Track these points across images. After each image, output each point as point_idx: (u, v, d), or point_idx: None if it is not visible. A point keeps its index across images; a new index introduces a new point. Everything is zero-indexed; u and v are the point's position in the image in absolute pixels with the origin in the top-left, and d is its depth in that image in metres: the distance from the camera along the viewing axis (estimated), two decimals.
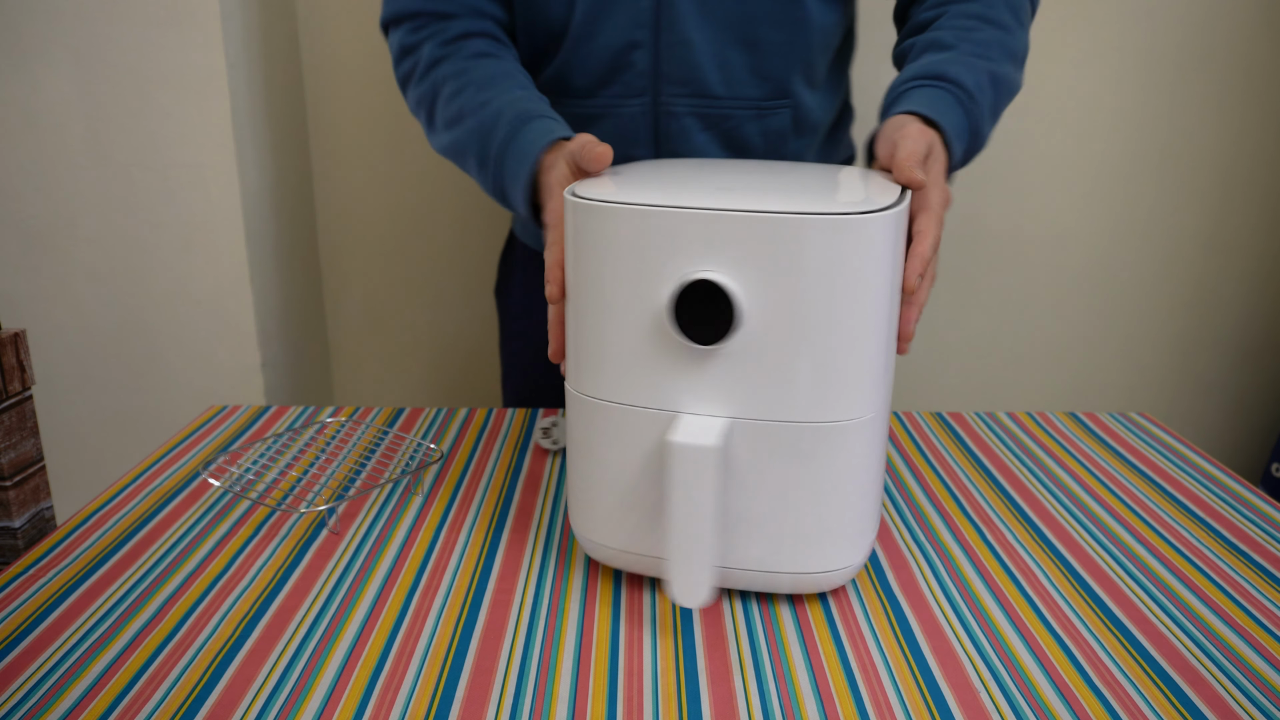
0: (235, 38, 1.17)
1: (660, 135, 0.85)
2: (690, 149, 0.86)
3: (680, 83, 0.83)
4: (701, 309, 0.54)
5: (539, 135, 0.72)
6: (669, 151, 0.86)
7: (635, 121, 0.85)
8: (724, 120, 0.85)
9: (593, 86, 0.84)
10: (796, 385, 0.55)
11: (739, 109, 0.85)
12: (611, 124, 0.85)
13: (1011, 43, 0.79)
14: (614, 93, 0.84)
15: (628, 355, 0.56)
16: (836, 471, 0.56)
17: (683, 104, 0.84)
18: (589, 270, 0.57)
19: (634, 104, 0.84)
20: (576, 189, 0.58)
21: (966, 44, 0.76)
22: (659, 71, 0.83)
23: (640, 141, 0.85)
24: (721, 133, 0.85)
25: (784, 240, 0.52)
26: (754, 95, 0.84)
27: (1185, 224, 1.52)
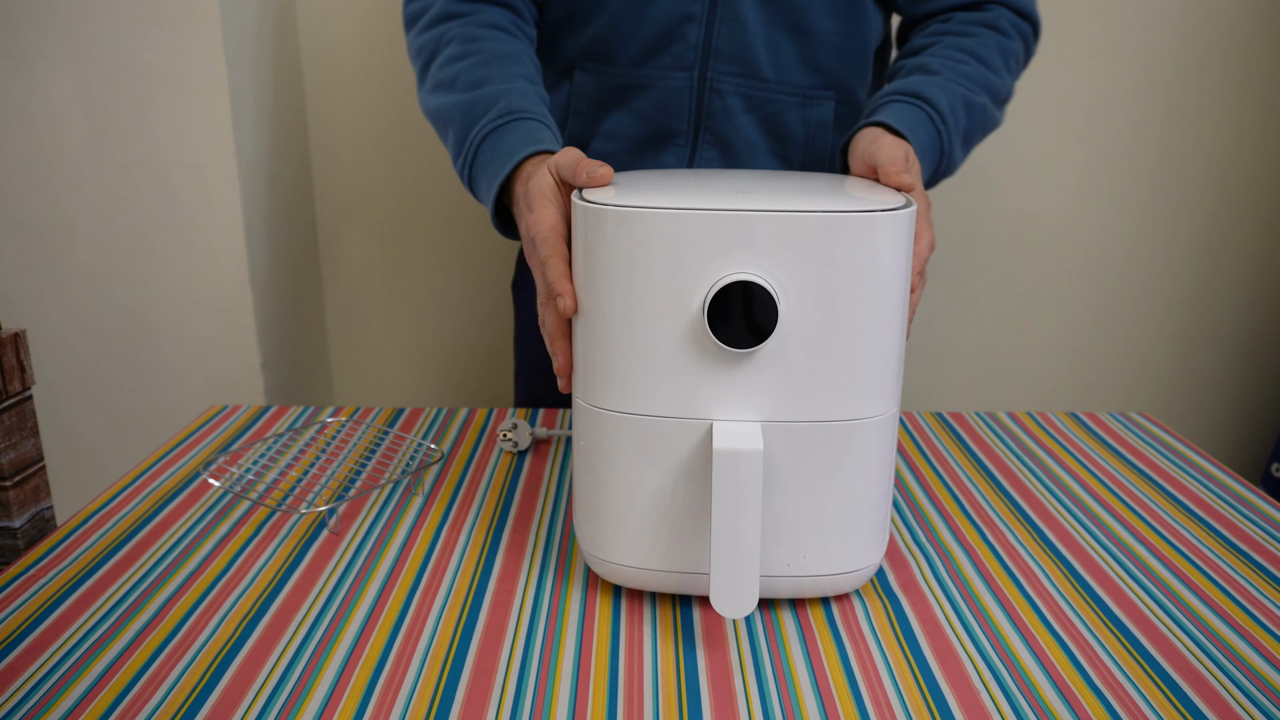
0: (235, 38, 1.17)
1: (703, 112, 0.85)
2: (732, 129, 0.85)
3: (730, 60, 0.83)
4: (735, 312, 0.52)
5: (526, 138, 0.70)
6: (710, 130, 0.85)
7: (680, 95, 0.84)
8: (768, 104, 0.85)
9: (640, 56, 0.84)
10: (827, 384, 0.54)
11: (784, 94, 0.85)
12: (655, 94, 0.85)
13: (995, 82, 0.80)
14: (661, 64, 0.84)
15: (656, 365, 0.54)
16: (864, 468, 0.56)
17: (730, 82, 0.84)
18: (612, 279, 0.54)
19: (680, 77, 0.83)
20: (587, 194, 0.56)
21: (950, 73, 0.78)
22: (710, 46, 0.82)
23: (682, 116, 0.85)
24: (764, 116, 0.85)
25: (818, 238, 0.52)
26: (800, 83, 0.85)
27: (1185, 224, 1.52)
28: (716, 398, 0.54)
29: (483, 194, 0.72)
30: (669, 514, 0.57)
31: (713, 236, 0.52)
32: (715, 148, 0.86)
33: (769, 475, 0.56)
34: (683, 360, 0.54)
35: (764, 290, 0.52)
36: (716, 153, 0.87)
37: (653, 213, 0.52)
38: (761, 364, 0.54)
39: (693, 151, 0.87)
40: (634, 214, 0.53)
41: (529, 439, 0.82)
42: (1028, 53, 0.88)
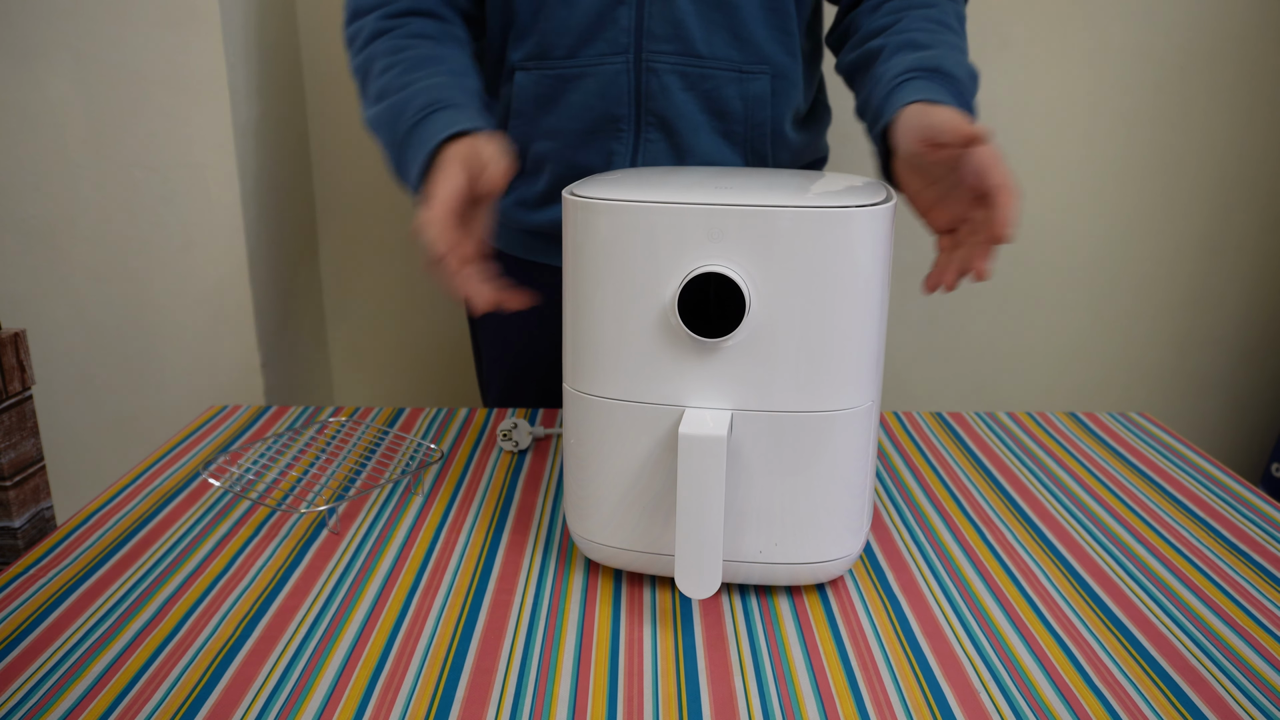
0: (235, 38, 1.17)
1: (642, 93, 0.86)
2: (671, 107, 0.86)
3: (664, 39, 0.84)
4: (707, 303, 0.54)
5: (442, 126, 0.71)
6: (651, 111, 0.86)
7: (617, 79, 0.85)
8: (704, 80, 0.86)
9: (575, 46, 0.85)
10: (798, 376, 0.55)
11: (720, 70, 0.86)
12: (593, 83, 0.85)
13: (964, 46, 0.81)
14: (596, 50, 0.85)
15: (634, 352, 0.57)
16: (837, 460, 0.57)
17: (665, 61, 0.84)
18: (591, 269, 0.57)
19: (617, 61, 0.84)
20: (575, 189, 0.58)
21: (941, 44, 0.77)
22: (642, 28, 0.83)
23: (622, 100, 0.86)
24: (702, 93, 0.86)
25: (790, 233, 0.53)
26: (735, 58, 0.86)
27: (1185, 224, 1.52)
28: (690, 385, 0.56)
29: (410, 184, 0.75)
30: (645, 496, 0.59)
31: (685, 229, 0.54)
32: (658, 129, 0.87)
33: (738, 463, 0.57)
34: (658, 348, 0.56)
35: (732, 282, 0.54)
36: (660, 134, 0.87)
37: (630, 205, 0.55)
38: (733, 354, 0.55)
39: (637, 135, 0.87)
40: (613, 206, 0.55)
41: (529, 438, 0.83)
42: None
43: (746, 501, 0.58)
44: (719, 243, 0.54)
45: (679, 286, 0.54)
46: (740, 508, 0.58)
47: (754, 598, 0.61)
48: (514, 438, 0.82)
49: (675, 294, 0.54)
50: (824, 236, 0.54)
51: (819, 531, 0.59)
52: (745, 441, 0.57)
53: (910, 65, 0.75)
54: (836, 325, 0.55)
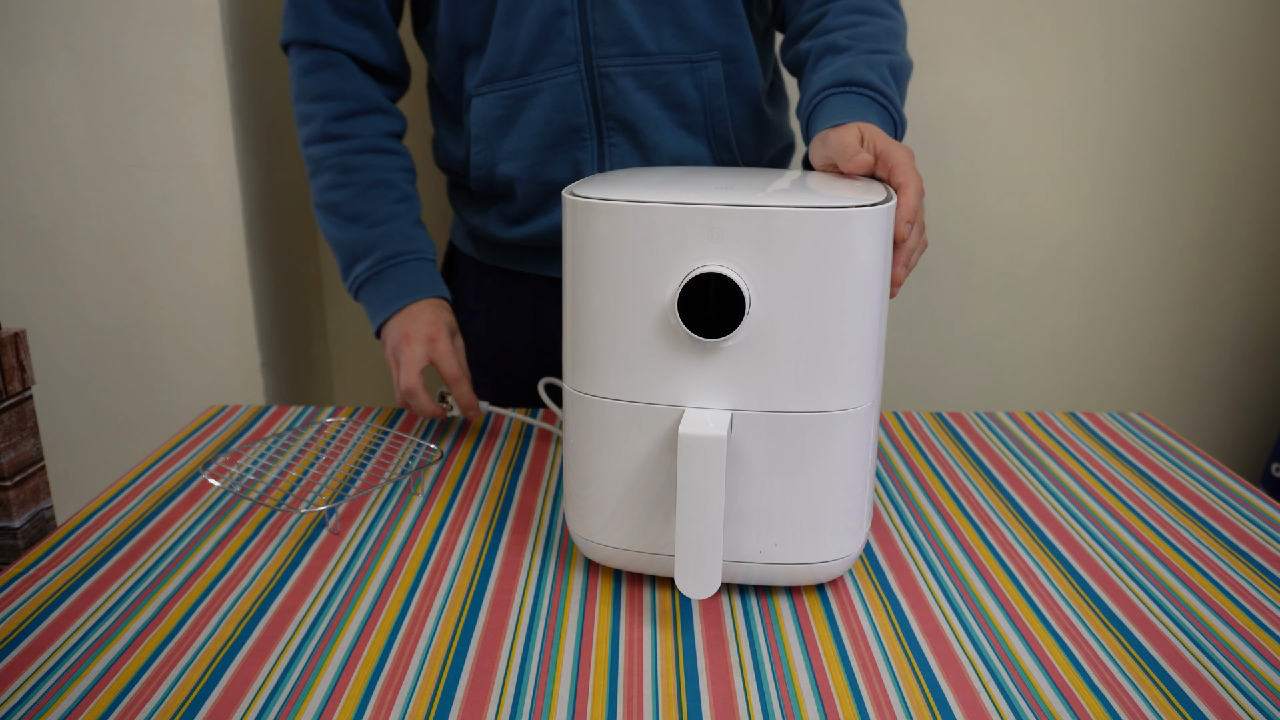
0: (235, 38, 1.17)
1: (599, 99, 0.86)
2: (630, 110, 0.86)
3: (610, 43, 0.84)
4: (707, 303, 0.54)
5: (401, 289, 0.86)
6: (610, 116, 0.86)
7: (572, 89, 0.85)
8: (657, 76, 0.86)
9: (524, 63, 0.85)
10: (798, 376, 0.55)
11: (671, 63, 0.85)
12: (549, 96, 0.85)
13: (895, 27, 0.81)
14: (546, 65, 0.85)
15: (634, 352, 0.57)
16: (837, 460, 0.57)
17: (616, 64, 0.84)
18: (592, 269, 0.57)
19: (568, 72, 0.84)
20: (575, 189, 0.58)
21: (859, 42, 0.78)
22: (589, 35, 0.83)
23: (580, 110, 0.86)
24: (657, 89, 0.86)
25: (790, 233, 0.53)
26: (683, 49, 0.85)
27: (1185, 224, 1.52)
28: (690, 385, 0.56)
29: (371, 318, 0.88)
30: (645, 496, 0.59)
31: (686, 230, 0.54)
32: (620, 132, 0.87)
33: (739, 463, 0.57)
34: (659, 348, 0.56)
35: (731, 283, 0.54)
36: (622, 136, 0.87)
37: (630, 205, 0.55)
38: (733, 354, 0.55)
39: (600, 142, 0.87)
40: (613, 206, 0.55)
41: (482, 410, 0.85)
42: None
43: (746, 501, 0.58)
44: (719, 243, 0.54)
45: (679, 286, 0.54)
46: (740, 508, 0.58)
47: (754, 598, 0.61)
48: (450, 401, 0.84)
49: (675, 294, 0.54)
50: (824, 236, 0.53)
51: (819, 531, 0.59)
52: (745, 441, 0.57)
53: (826, 82, 0.76)
54: (836, 325, 0.55)
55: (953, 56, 1.42)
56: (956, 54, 1.42)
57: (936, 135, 1.45)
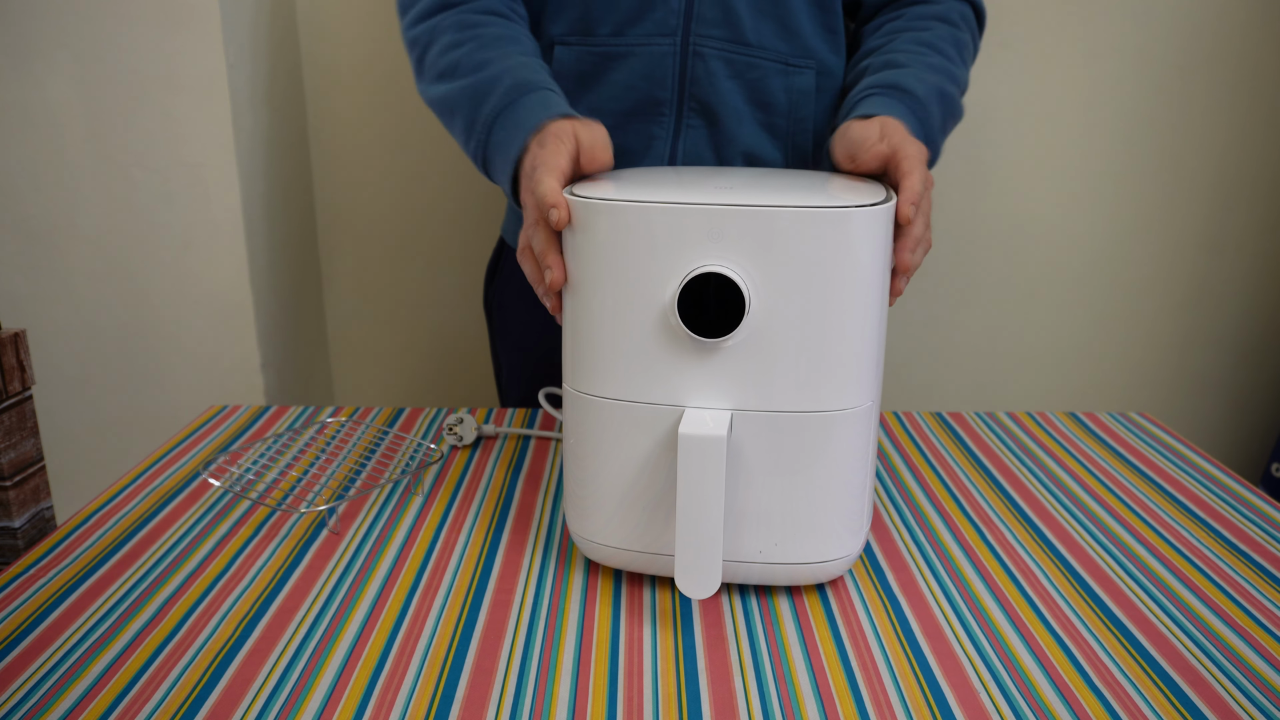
0: (235, 38, 1.17)
1: (687, 77, 0.84)
2: (716, 95, 0.85)
3: (713, 24, 0.83)
4: (707, 303, 0.54)
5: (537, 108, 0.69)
6: (694, 97, 0.85)
7: (663, 61, 0.84)
8: (750, 69, 0.85)
9: (622, 24, 0.84)
10: (798, 376, 0.55)
11: (766, 60, 0.85)
12: (639, 63, 0.84)
13: (955, 72, 0.82)
14: (644, 30, 0.83)
15: (634, 352, 0.57)
16: (837, 460, 0.57)
17: (712, 46, 0.83)
18: (591, 268, 0.57)
19: (663, 43, 0.83)
20: (575, 189, 0.58)
21: (918, 65, 0.79)
22: (692, 11, 0.83)
23: (666, 83, 0.85)
24: (747, 82, 0.85)
25: (790, 233, 0.53)
26: (781, 50, 0.85)
27: (1185, 224, 1.52)
28: (690, 385, 0.56)
29: (499, 170, 0.72)
30: (645, 496, 0.59)
31: (685, 229, 0.54)
32: (700, 115, 0.86)
33: (739, 463, 0.57)
34: (659, 348, 0.56)
35: (731, 282, 0.54)
36: (701, 120, 0.86)
37: (630, 206, 0.55)
38: (734, 354, 0.55)
39: (678, 120, 0.86)
40: (613, 207, 0.55)
41: (474, 434, 0.83)
42: (975, 44, 0.89)
43: (746, 501, 0.58)
44: (719, 243, 0.54)
45: (679, 286, 0.54)
46: (740, 508, 0.58)
47: (754, 598, 0.61)
48: (459, 432, 0.83)
49: (675, 294, 0.54)
50: (824, 236, 0.53)
51: (819, 531, 0.59)
52: (745, 441, 0.57)
53: (871, 83, 0.76)
54: (836, 325, 0.55)
55: None
56: None
57: None
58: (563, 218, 0.57)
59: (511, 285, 1.02)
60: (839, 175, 0.68)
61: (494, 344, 1.08)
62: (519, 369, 1.03)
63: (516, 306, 1.01)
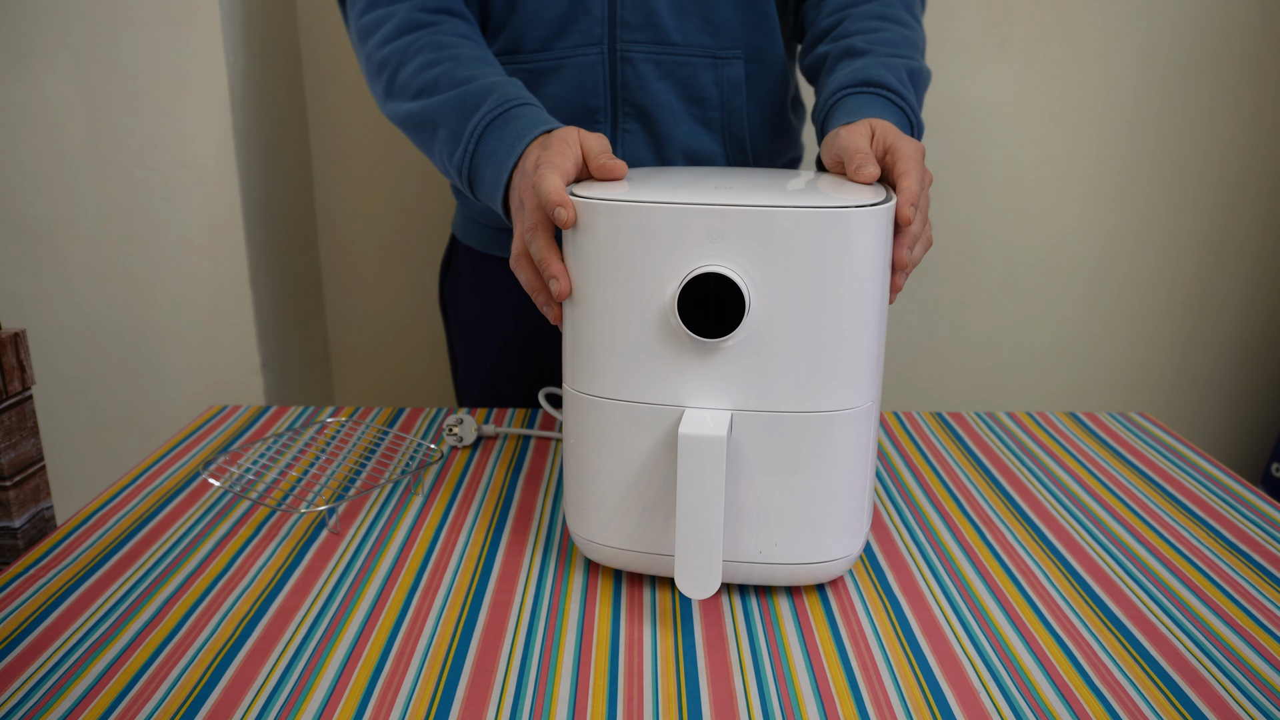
0: (235, 38, 1.17)
1: (618, 84, 0.85)
2: (648, 97, 0.86)
3: (637, 28, 0.84)
4: (707, 303, 0.54)
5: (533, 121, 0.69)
6: (627, 101, 0.86)
7: (592, 70, 0.85)
8: (680, 68, 0.85)
9: (548, 39, 0.84)
10: (798, 376, 0.55)
11: (694, 56, 0.85)
12: (569, 74, 0.85)
13: (914, 37, 0.81)
14: (570, 43, 0.84)
15: (634, 352, 0.57)
16: (837, 460, 0.57)
17: (640, 50, 0.84)
18: (591, 269, 0.57)
19: (590, 53, 0.84)
20: (575, 189, 0.58)
21: (878, 46, 0.78)
22: (615, 18, 0.83)
23: (598, 91, 0.85)
24: (678, 81, 0.86)
25: (790, 233, 0.53)
26: (707, 44, 0.85)
27: (1185, 224, 1.52)
28: (690, 385, 0.56)
29: (488, 179, 0.71)
30: (645, 496, 0.59)
31: (685, 229, 0.54)
32: (635, 119, 0.87)
33: (739, 463, 0.57)
34: (658, 348, 0.56)
35: (731, 283, 0.54)
36: (637, 123, 0.87)
37: (630, 206, 0.55)
38: (734, 354, 0.55)
39: (614, 126, 0.87)
40: (613, 207, 0.55)
41: (474, 434, 0.83)
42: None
43: (746, 501, 0.58)
44: (719, 243, 0.54)
45: (679, 286, 0.54)
46: (740, 508, 0.58)
47: (754, 598, 0.61)
48: (459, 432, 0.83)
49: (675, 294, 0.54)
50: (824, 236, 0.53)
51: (819, 531, 0.59)
52: (745, 441, 0.57)
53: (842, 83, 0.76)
54: (836, 325, 0.55)
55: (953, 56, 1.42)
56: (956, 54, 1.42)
57: (936, 135, 1.45)
58: (570, 217, 0.57)
59: (464, 281, 1.01)
60: (833, 175, 0.68)
61: (450, 341, 1.09)
62: (475, 367, 1.03)
63: (470, 302, 1.01)
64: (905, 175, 0.62)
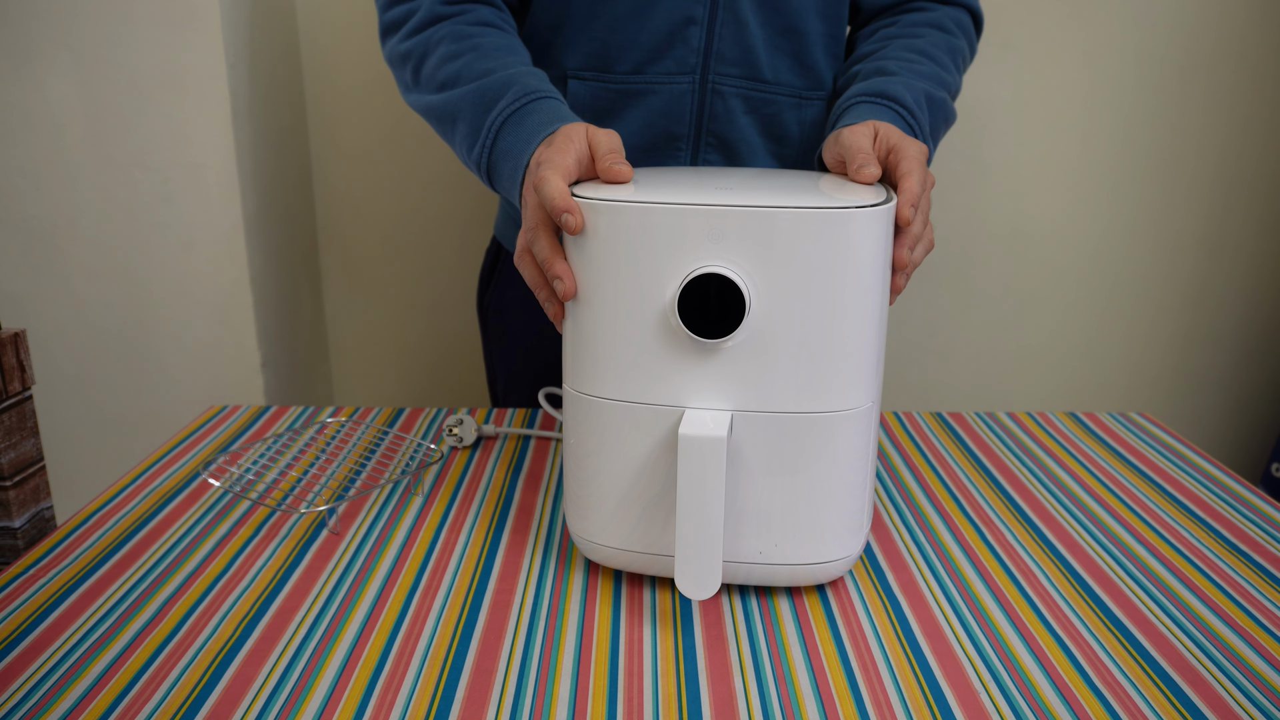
0: (235, 38, 1.17)
1: (705, 114, 0.85)
2: (733, 130, 0.86)
3: (731, 62, 0.84)
4: (707, 303, 0.54)
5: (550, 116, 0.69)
6: (712, 132, 0.86)
7: (682, 99, 0.84)
8: (766, 105, 0.86)
9: (642, 61, 0.84)
10: (798, 377, 0.55)
11: (781, 95, 0.86)
12: (658, 100, 0.85)
13: (947, 79, 0.82)
14: (663, 69, 0.84)
15: (634, 353, 0.57)
16: (837, 460, 0.57)
17: (731, 85, 0.84)
18: (591, 269, 0.57)
19: (682, 81, 0.84)
20: (576, 190, 0.58)
21: (907, 72, 0.79)
22: (711, 49, 0.83)
23: (684, 120, 0.85)
24: (763, 117, 0.86)
25: (790, 233, 0.53)
26: (796, 84, 0.86)
27: (1185, 224, 1.52)
28: (691, 386, 0.56)
29: (505, 176, 0.70)
30: (645, 497, 0.59)
31: (685, 230, 0.54)
32: (717, 150, 0.87)
33: (739, 463, 0.57)
34: (659, 349, 0.56)
35: (732, 283, 0.54)
36: (718, 155, 0.87)
37: (631, 206, 0.55)
38: (734, 354, 0.55)
39: (694, 155, 0.87)
40: (613, 207, 0.55)
41: (474, 434, 0.83)
42: (971, 49, 0.89)
43: (746, 502, 0.58)
44: (719, 243, 0.54)
45: (679, 287, 0.54)
46: (740, 508, 0.58)
47: (754, 598, 0.61)
48: (459, 432, 0.83)
49: (675, 294, 0.54)
50: (824, 237, 0.53)
51: (819, 532, 0.59)
52: (745, 442, 0.57)
53: (858, 91, 0.76)
54: (836, 325, 0.55)
55: None
56: None
57: None
58: (577, 223, 0.56)
59: (511, 290, 1.00)
60: (833, 176, 0.68)
61: (489, 349, 1.07)
62: (520, 375, 1.02)
63: (516, 311, 1.00)
64: (907, 176, 0.62)
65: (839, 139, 0.68)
